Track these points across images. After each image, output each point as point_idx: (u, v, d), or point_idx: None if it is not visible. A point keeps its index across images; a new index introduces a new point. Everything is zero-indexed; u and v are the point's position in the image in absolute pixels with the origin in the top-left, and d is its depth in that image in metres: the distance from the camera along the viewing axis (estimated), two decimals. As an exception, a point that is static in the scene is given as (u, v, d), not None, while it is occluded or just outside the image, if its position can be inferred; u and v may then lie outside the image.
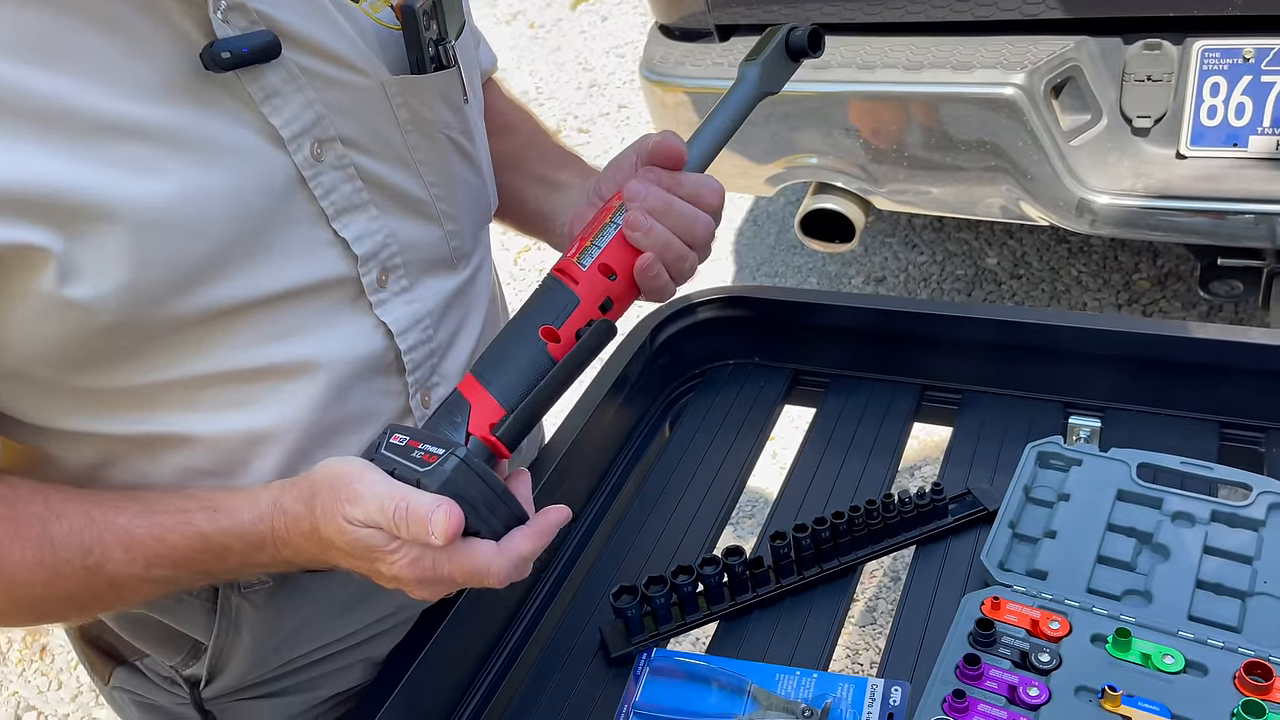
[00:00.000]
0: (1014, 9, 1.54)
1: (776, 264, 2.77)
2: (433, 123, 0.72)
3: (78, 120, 0.58)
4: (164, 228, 0.60)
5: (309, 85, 0.66)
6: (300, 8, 0.65)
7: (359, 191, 0.69)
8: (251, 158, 0.64)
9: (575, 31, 4.32)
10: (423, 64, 0.71)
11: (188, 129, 0.61)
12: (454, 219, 0.76)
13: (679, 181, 0.71)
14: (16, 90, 0.56)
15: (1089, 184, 1.53)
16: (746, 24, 1.77)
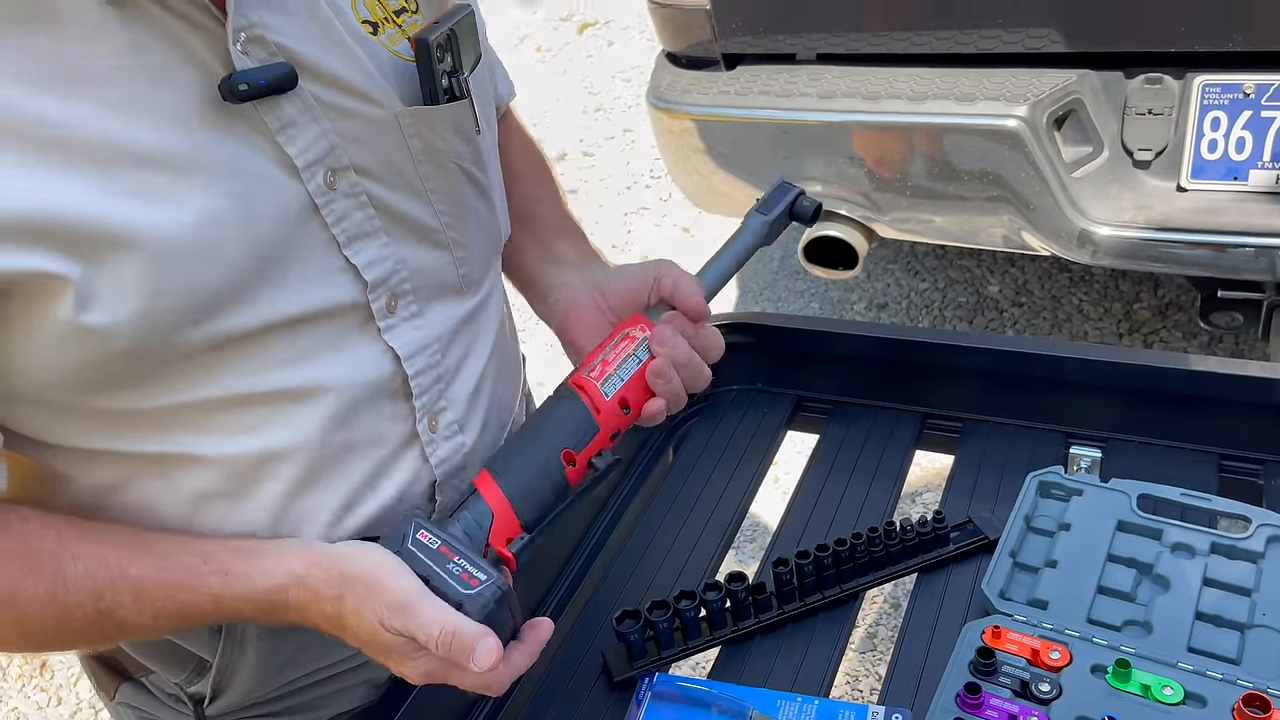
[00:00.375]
0: (1017, 42, 1.56)
1: (779, 289, 2.78)
2: (444, 153, 0.74)
3: (98, 149, 0.59)
4: (180, 255, 0.61)
5: (324, 115, 0.67)
6: (319, 41, 0.67)
7: (371, 219, 0.70)
8: (266, 186, 0.65)
9: (582, 55, 4.36)
10: (435, 95, 0.72)
11: (205, 158, 0.62)
12: (464, 246, 0.78)
13: (696, 332, 0.78)
14: (39, 118, 0.57)
15: (1090, 215, 1.54)
16: (753, 53, 1.79)
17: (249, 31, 0.63)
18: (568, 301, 0.84)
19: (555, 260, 0.89)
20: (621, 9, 4.66)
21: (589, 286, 0.84)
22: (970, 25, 1.59)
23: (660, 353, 0.76)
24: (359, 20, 0.71)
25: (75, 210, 0.58)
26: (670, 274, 0.80)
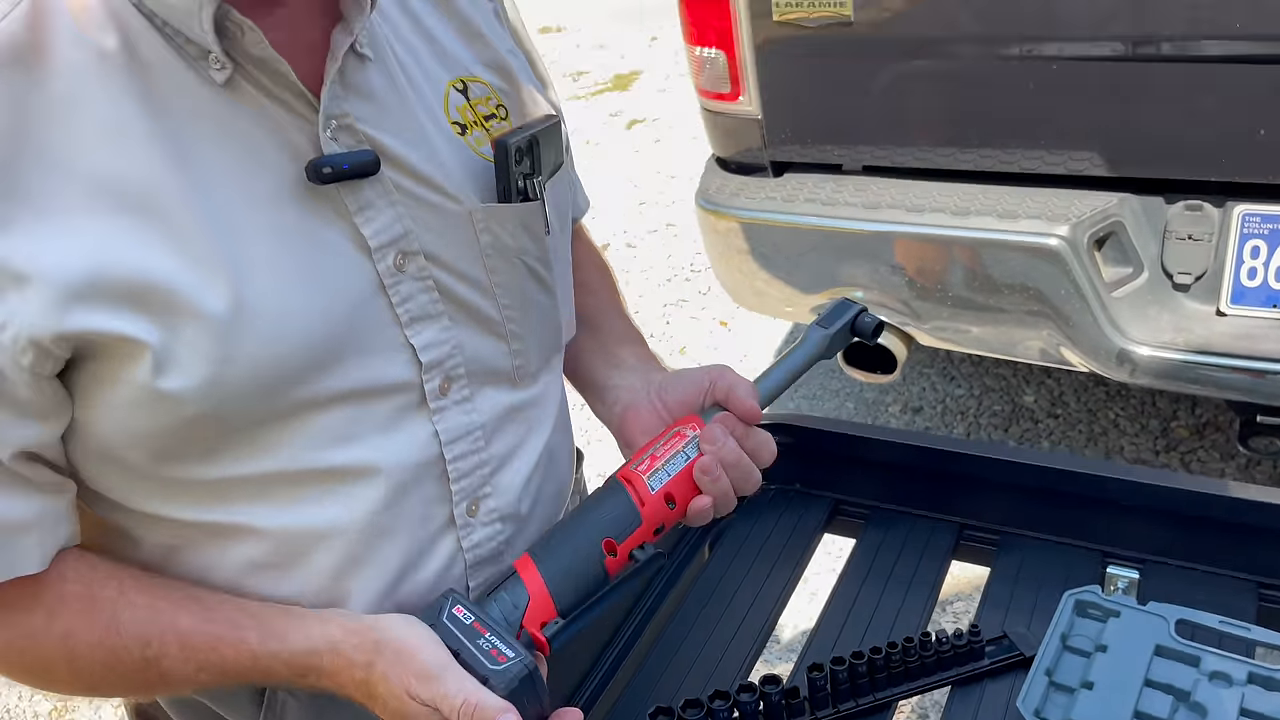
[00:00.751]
0: (1059, 164, 1.61)
1: (814, 385, 2.81)
2: (512, 249, 0.77)
3: (187, 220, 0.63)
4: (253, 327, 0.65)
5: (401, 202, 0.71)
6: (405, 134, 0.72)
7: (435, 302, 0.74)
8: (339, 263, 0.69)
9: (629, 150, 4.48)
10: (509, 194, 0.76)
11: (285, 234, 0.66)
12: (521, 339, 0.80)
13: (748, 433, 0.80)
14: (139, 187, 0.62)
15: (1130, 335, 1.56)
16: (801, 162, 1.85)
17: (340, 120, 0.68)
18: (626, 404, 0.87)
19: (616, 364, 0.91)
20: (669, 108, 4.81)
21: (647, 389, 0.87)
22: (1013, 145, 1.63)
23: (709, 450, 0.78)
24: (450, 121, 0.76)
25: (160, 276, 0.62)
26: (726, 378, 0.82)
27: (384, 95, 0.71)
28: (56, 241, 0.60)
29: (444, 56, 0.76)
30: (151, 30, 0.63)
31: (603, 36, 6.09)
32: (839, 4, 1.63)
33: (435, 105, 0.75)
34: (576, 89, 5.32)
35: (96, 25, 0.62)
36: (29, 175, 0.59)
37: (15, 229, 0.59)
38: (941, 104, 1.66)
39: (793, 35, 1.70)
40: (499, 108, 0.79)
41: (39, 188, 0.60)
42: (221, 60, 0.63)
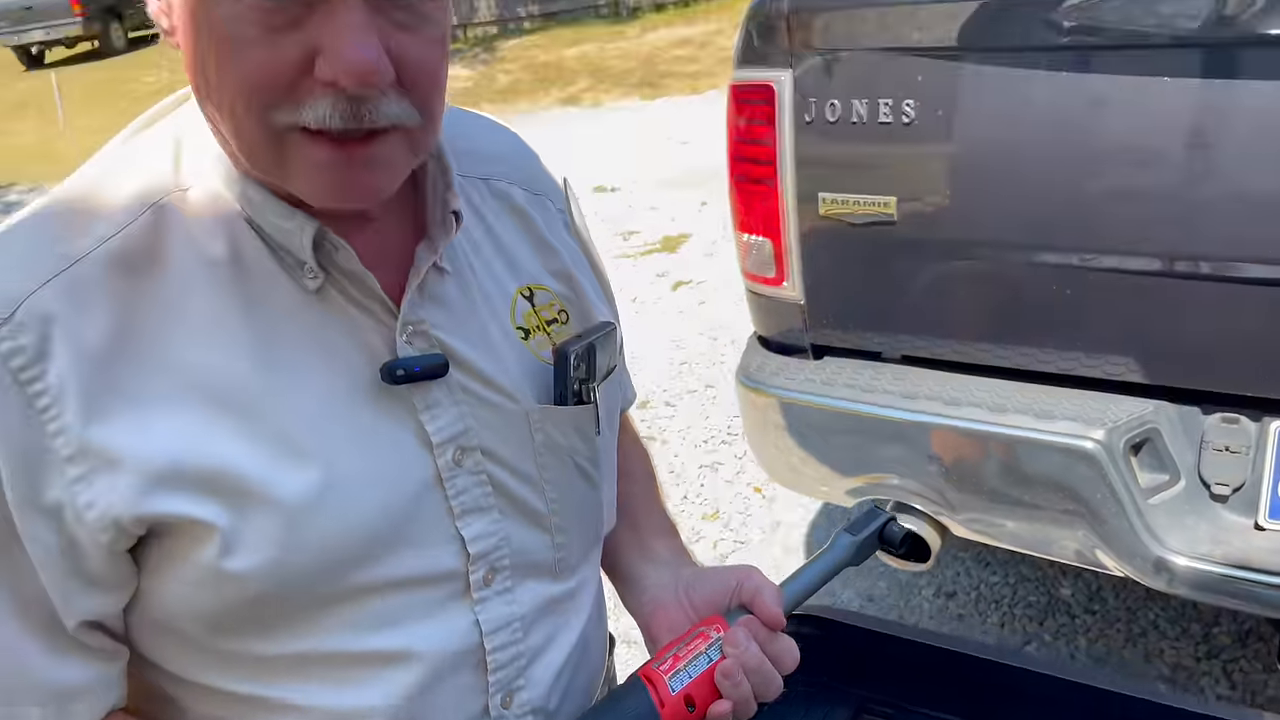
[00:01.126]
0: (1096, 367, 1.64)
1: (846, 563, 2.77)
2: (564, 448, 0.81)
3: (268, 413, 0.68)
4: (319, 515, 0.69)
5: (464, 401, 0.76)
6: (473, 339, 0.77)
7: (487, 496, 0.77)
8: (403, 457, 0.73)
9: (674, 311, 4.59)
10: (565, 398, 0.81)
11: (355, 429, 0.71)
12: (565, 532, 0.83)
13: (771, 638, 0.81)
14: (227, 383, 0.67)
15: (1167, 543, 1.55)
16: (841, 347, 1.90)
17: (416, 325, 0.74)
18: (656, 601, 0.89)
19: (650, 558, 0.94)
20: (715, 272, 4.94)
21: (675, 586, 0.89)
22: (1050, 346, 1.67)
23: (732, 654, 0.79)
24: (514, 325, 0.81)
25: (235, 464, 0.66)
26: (753, 581, 0.84)
27: (457, 304, 0.77)
28: (148, 430, 0.65)
29: (514, 266, 0.83)
30: (257, 240, 0.70)
31: (655, 199, 6.32)
32: (883, 204, 1.71)
33: (503, 311, 0.81)
34: (626, 248, 5.50)
35: (209, 235, 0.69)
36: (130, 369, 0.65)
37: (112, 418, 0.64)
38: (980, 302, 1.71)
39: (837, 228, 1.78)
40: (561, 312, 0.85)
41: (137, 380, 0.65)
42: (315, 271, 0.70)
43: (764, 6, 1.75)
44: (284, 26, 0.60)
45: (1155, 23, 1.42)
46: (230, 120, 0.64)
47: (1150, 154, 1.49)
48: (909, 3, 1.60)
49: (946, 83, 1.61)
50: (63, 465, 0.64)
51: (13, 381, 0.63)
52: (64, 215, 0.68)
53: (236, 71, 0.61)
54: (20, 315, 0.63)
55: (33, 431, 0.63)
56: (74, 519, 0.64)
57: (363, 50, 0.60)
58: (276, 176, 0.67)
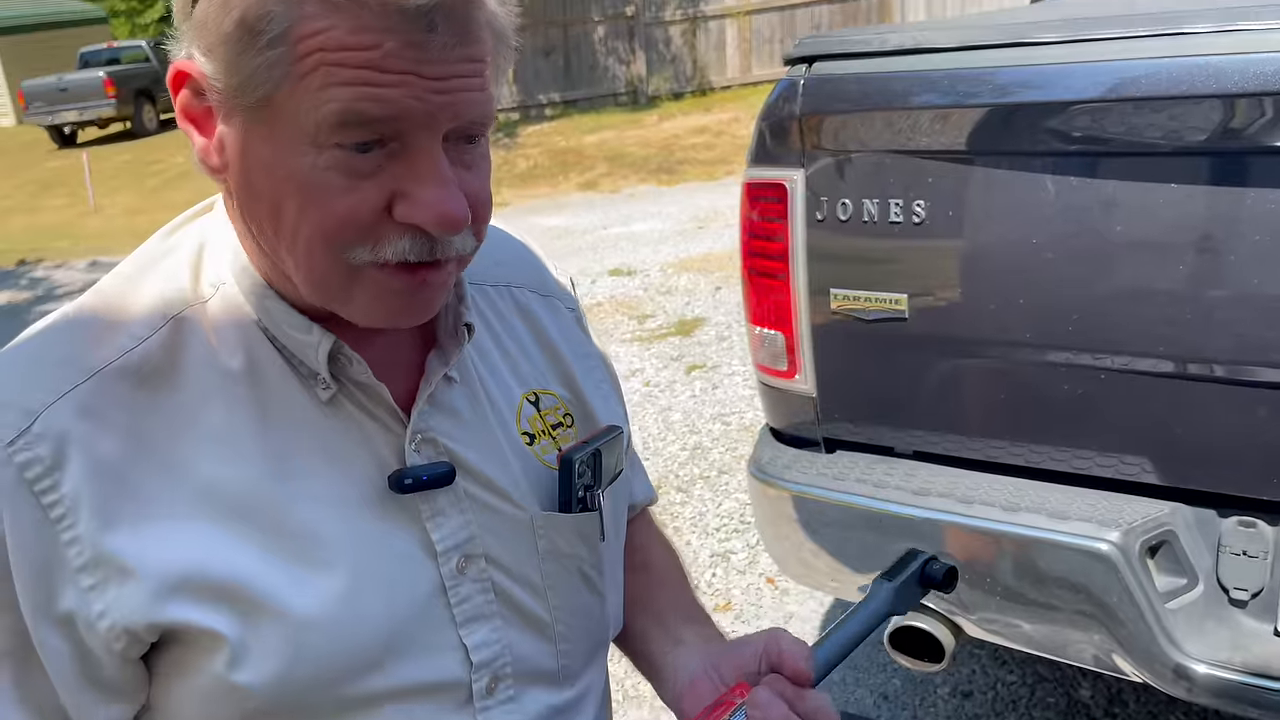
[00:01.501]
0: (1110, 467, 1.63)
1: (859, 657, 2.72)
2: (568, 555, 0.81)
3: (282, 524, 0.68)
4: (324, 626, 0.69)
5: (470, 508, 0.76)
6: (480, 446, 0.78)
7: (490, 603, 0.77)
8: (408, 566, 0.73)
9: (687, 395, 4.60)
10: (570, 505, 0.81)
11: (363, 539, 0.71)
12: (568, 640, 0.83)
13: (801, 696, 0.76)
14: (239, 493, 0.68)
15: (1186, 649, 1.52)
16: (853, 441, 1.89)
17: (424, 434, 0.74)
18: (685, 683, 0.85)
19: (678, 643, 0.91)
20: (728, 356, 4.96)
21: (704, 663, 0.86)
22: (1064, 445, 1.67)
23: (754, 716, 0.74)
24: (520, 431, 0.82)
25: (246, 574, 0.67)
26: (778, 640, 0.80)
27: (465, 412, 0.78)
28: (160, 540, 0.65)
29: (520, 371, 0.84)
30: (273, 351, 0.71)
31: (670, 283, 6.38)
32: (894, 301, 1.72)
33: (508, 417, 0.81)
34: (641, 331, 5.53)
35: (227, 346, 0.70)
36: (142, 478, 0.66)
37: (124, 527, 0.65)
38: (992, 400, 1.71)
39: (849, 324, 1.79)
40: (566, 416, 0.85)
41: (151, 490, 0.66)
42: (328, 382, 0.71)
43: (777, 108, 1.80)
44: (367, 173, 0.63)
45: (1161, 134, 1.45)
46: (304, 258, 0.65)
47: (1161, 257, 1.51)
48: (918, 108, 1.64)
49: (957, 184, 1.64)
50: (75, 575, 0.64)
51: (28, 492, 0.64)
52: (87, 324, 0.70)
53: (317, 216, 0.63)
54: (38, 427, 0.65)
55: (47, 541, 0.64)
56: (86, 628, 0.65)
57: (451, 203, 0.63)
58: (338, 304, 0.68)
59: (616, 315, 5.82)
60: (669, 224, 8.01)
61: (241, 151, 0.65)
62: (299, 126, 0.61)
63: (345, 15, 0.59)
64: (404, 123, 0.62)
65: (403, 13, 0.59)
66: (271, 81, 0.61)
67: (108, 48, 17.44)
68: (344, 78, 0.60)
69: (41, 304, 7.95)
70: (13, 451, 0.64)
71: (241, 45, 0.60)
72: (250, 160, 0.64)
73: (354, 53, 0.59)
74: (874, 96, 1.69)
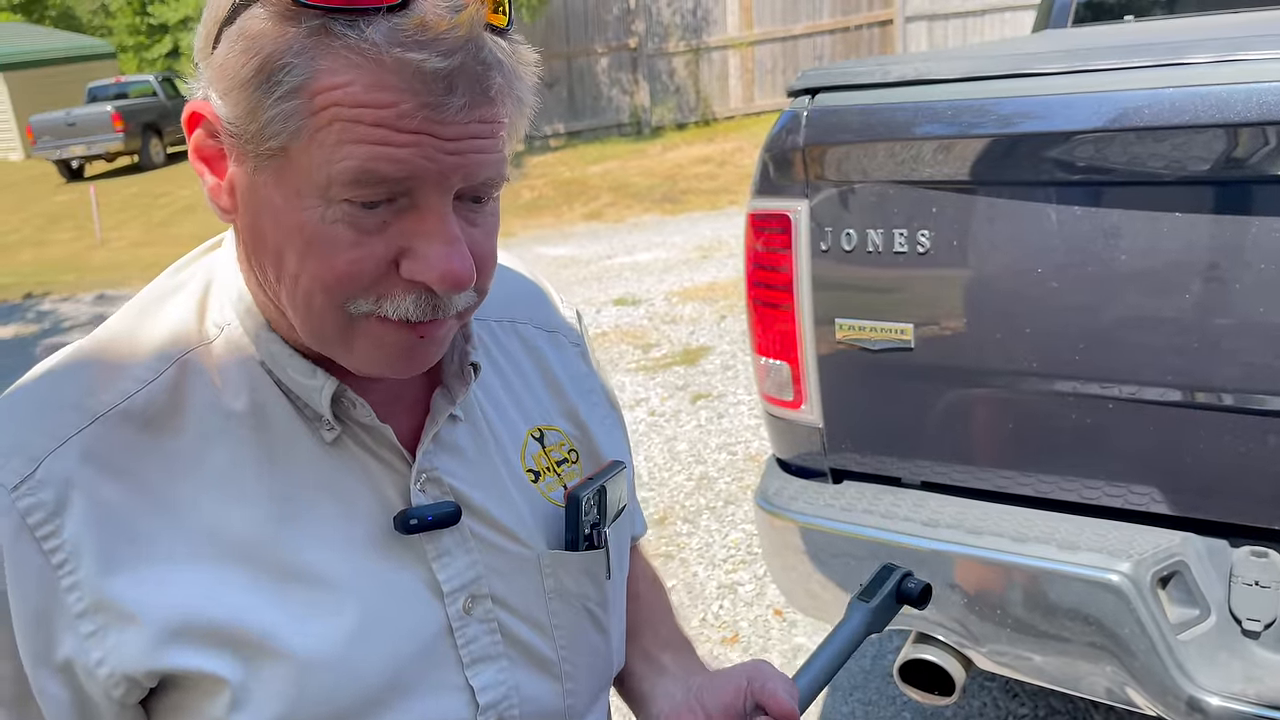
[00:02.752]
0: (1119, 497, 1.62)
1: (870, 690, 2.70)
2: (575, 594, 0.81)
3: (286, 566, 0.68)
4: (329, 667, 0.68)
5: (476, 548, 0.75)
6: (485, 485, 0.77)
7: (496, 644, 0.76)
8: (413, 607, 0.72)
9: (692, 425, 4.58)
10: (576, 544, 0.80)
11: (369, 581, 0.71)
12: (574, 679, 0.82)
13: None
14: (242, 536, 0.67)
15: (1199, 681, 1.51)
16: (860, 471, 1.89)
17: (429, 474, 0.74)
18: (668, 714, 0.85)
19: (660, 671, 0.91)
20: (733, 385, 4.96)
21: (688, 695, 0.85)
22: (1072, 475, 1.66)
23: None
24: (524, 469, 0.81)
25: (250, 620, 0.66)
26: (761, 677, 0.80)
27: (470, 450, 0.77)
28: (161, 584, 0.65)
29: (524, 407, 0.83)
30: (277, 392, 0.71)
31: (675, 312, 6.39)
32: (900, 331, 1.72)
33: (513, 454, 0.81)
34: (645, 361, 5.53)
35: (231, 388, 0.70)
36: (144, 522, 0.66)
37: (125, 572, 0.64)
38: (999, 430, 1.70)
39: (854, 354, 1.79)
40: (571, 452, 0.85)
41: (151, 534, 0.66)
42: (332, 424, 0.70)
43: (780, 139, 1.81)
44: (373, 229, 0.63)
45: (1164, 163, 1.45)
46: (303, 306, 0.66)
47: (1167, 286, 1.50)
48: (922, 138, 1.65)
49: (961, 214, 1.64)
50: (75, 621, 0.64)
51: (30, 538, 0.64)
52: (91, 366, 0.70)
53: (321, 267, 0.63)
54: (40, 473, 0.65)
55: (47, 588, 0.64)
56: (85, 675, 0.64)
57: (457, 262, 0.63)
58: (336, 352, 0.68)
59: (621, 345, 5.82)
60: (673, 253, 8.03)
61: (251, 196, 0.65)
62: (310, 179, 0.61)
63: (364, 72, 0.59)
64: (415, 181, 0.62)
65: (422, 74, 0.59)
66: (287, 132, 0.61)
67: (115, 83, 17.60)
68: (359, 135, 0.60)
69: (48, 337, 7.98)
70: (15, 497, 0.64)
71: (259, 93, 0.60)
72: (259, 205, 0.64)
73: (371, 110, 0.59)
74: (877, 127, 1.69)
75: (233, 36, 0.61)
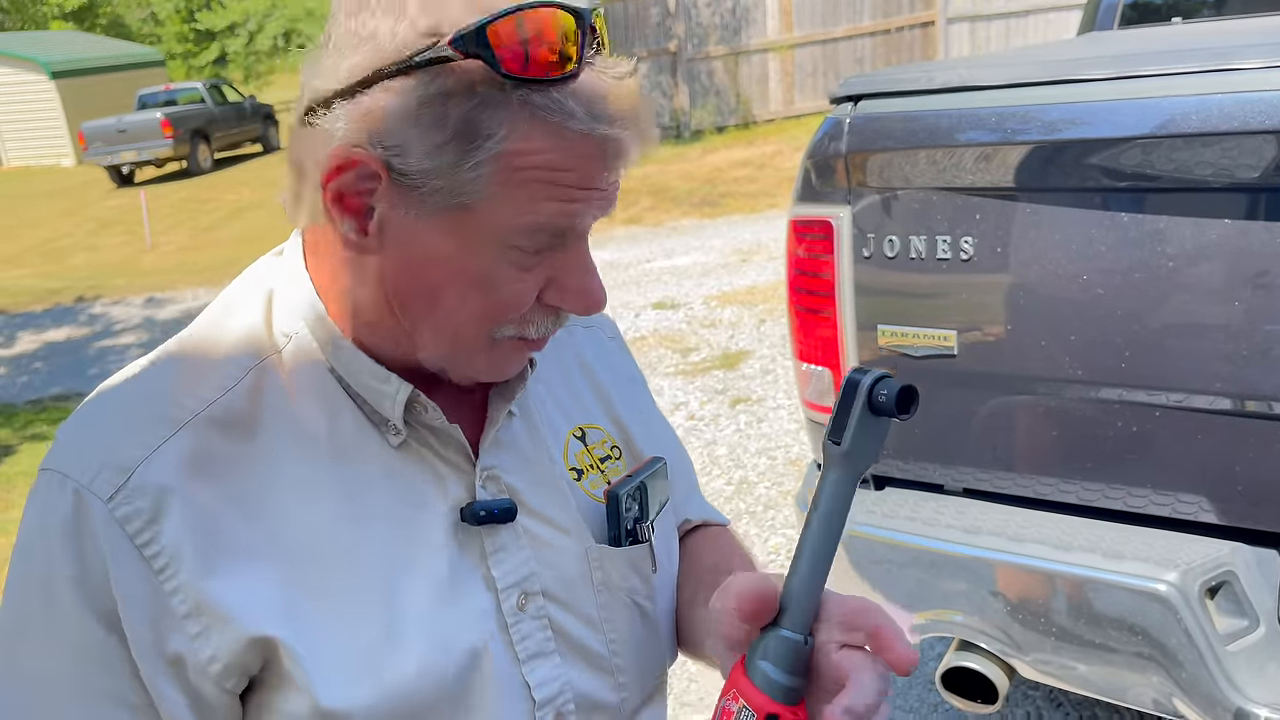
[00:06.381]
0: (1166, 506, 1.60)
1: (912, 698, 2.68)
2: (621, 588, 0.83)
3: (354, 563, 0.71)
4: (401, 658, 0.70)
5: (529, 544, 0.78)
6: (537, 482, 0.80)
7: (548, 640, 0.78)
8: (472, 602, 0.75)
9: (731, 429, 4.58)
10: (620, 539, 0.83)
11: (433, 573, 0.73)
12: (625, 672, 0.83)
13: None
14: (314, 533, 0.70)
15: (1247, 693, 1.49)
16: (902, 478, 1.88)
17: (490, 471, 0.77)
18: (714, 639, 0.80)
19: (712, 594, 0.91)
20: (773, 389, 4.95)
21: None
22: (1118, 483, 1.64)
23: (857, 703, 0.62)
24: (568, 467, 0.83)
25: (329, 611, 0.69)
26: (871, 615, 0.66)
27: (524, 446, 0.80)
28: (250, 586, 0.68)
29: (564, 407, 0.86)
30: (347, 399, 0.74)
31: (714, 316, 6.40)
32: (943, 337, 1.72)
33: (556, 453, 0.83)
34: (684, 365, 5.54)
35: (302, 395, 0.73)
36: (230, 525, 0.69)
37: (220, 574, 0.68)
38: (1043, 437, 1.69)
39: (896, 359, 1.79)
40: (614, 449, 0.87)
41: (237, 536, 0.69)
42: (399, 428, 0.73)
43: (823, 146, 1.81)
44: (531, 266, 0.69)
45: (1212, 170, 1.44)
46: (450, 335, 0.71)
47: (1215, 293, 1.49)
48: (965, 145, 1.64)
49: (1005, 220, 1.63)
50: (182, 623, 0.67)
51: (130, 545, 0.67)
52: (174, 374, 0.73)
53: (485, 303, 0.69)
54: (134, 481, 0.67)
55: (153, 593, 0.67)
56: (198, 674, 0.68)
57: (600, 293, 0.73)
58: (458, 368, 0.74)
59: (660, 349, 5.83)
60: (712, 257, 8.03)
61: (410, 240, 0.68)
62: (491, 230, 0.67)
63: (558, 140, 0.64)
64: (580, 228, 0.70)
65: (607, 142, 0.66)
66: (477, 191, 0.65)
67: (164, 90, 17.94)
68: (548, 194, 0.66)
69: (99, 339, 8.16)
70: (113, 507, 0.67)
71: (455, 155, 0.64)
72: (419, 249, 0.68)
73: (561, 173, 0.65)
74: (920, 134, 1.69)
75: (408, 92, 0.63)
